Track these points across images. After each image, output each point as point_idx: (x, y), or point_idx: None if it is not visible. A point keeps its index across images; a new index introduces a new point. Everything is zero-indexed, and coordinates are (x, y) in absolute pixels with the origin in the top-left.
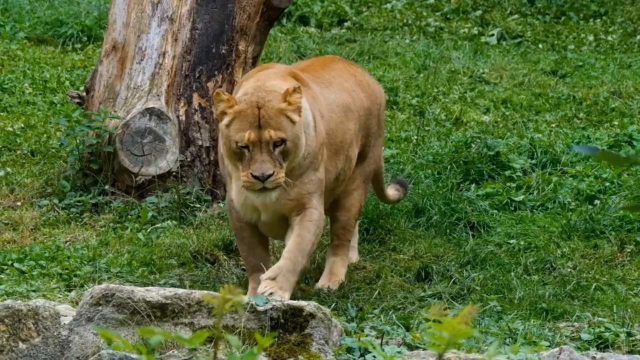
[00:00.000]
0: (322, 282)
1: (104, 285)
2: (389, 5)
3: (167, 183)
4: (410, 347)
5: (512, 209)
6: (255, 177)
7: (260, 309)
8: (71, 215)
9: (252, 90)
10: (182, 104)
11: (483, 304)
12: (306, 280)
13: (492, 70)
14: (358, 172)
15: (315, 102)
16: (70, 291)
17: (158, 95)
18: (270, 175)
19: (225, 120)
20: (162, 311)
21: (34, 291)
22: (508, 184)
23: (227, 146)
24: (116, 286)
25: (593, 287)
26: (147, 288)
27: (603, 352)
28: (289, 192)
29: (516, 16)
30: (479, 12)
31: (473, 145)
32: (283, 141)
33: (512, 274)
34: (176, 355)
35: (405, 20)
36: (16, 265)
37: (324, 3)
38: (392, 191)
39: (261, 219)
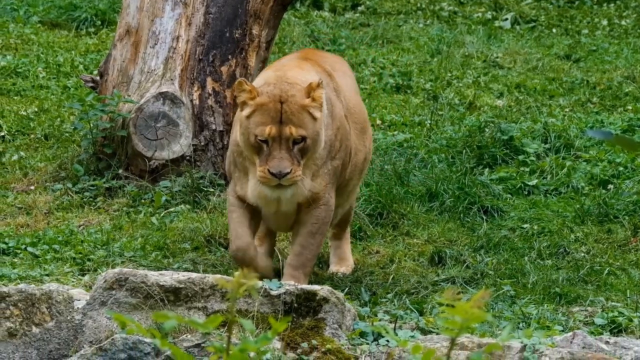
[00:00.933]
0: (335, 269)
1: (117, 270)
2: None
3: (180, 167)
4: (424, 332)
5: (526, 193)
6: (272, 174)
7: (273, 293)
8: (85, 200)
9: (273, 81)
10: (195, 88)
11: (496, 288)
12: (320, 265)
13: (505, 54)
14: None
15: (332, 80)
16: (83, 275)
17: (172, 80)
18: (287, 174)
19: (246, 111)
20: (175, 295)
21: (47, 275)
22: (522, 169)
23: (245, 137)
24: (130, 270)
25: (606, 271)
26: (160, 272)
27: (616, 336)
28: (312, 184)
29: (530, 0)
30: None
31: (487, 130)
32: (303, 139)
33: (526, 258)
34: (189, 339)
35: (419, 5)
36: (30, 249)
37: None
38: None
39: (281, 209)
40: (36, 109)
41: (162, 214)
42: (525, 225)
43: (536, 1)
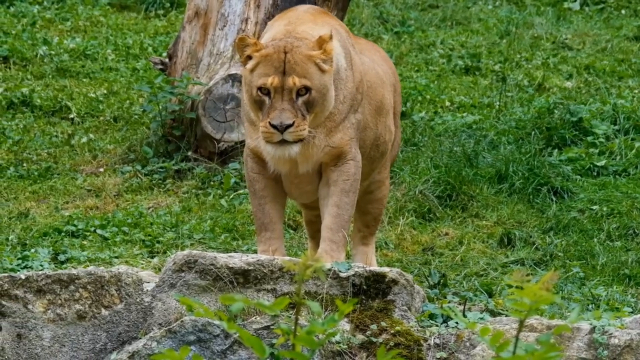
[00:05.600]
0: None
1: (186, 252)
2: None
3: None
4: (493, 314)
5: (595, 174)
6: (274, 127)
7: (342, 275)
8: (154, 182)
9: (281, 35)
10: None
11: (565, 270)
12: (387, 246)
13: (574, 36)
14: (388, 157)
15: (350, 36)
16: (152, 257)
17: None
18: (289, 126)
19: (250, 64)
20: (244, 277)
21: (116, 257)
22: (590, 150)
23: (248, 93)
24: (199, 252)
25: None
26: (229, 254)
27: None
28: (332, 139)
29: None
30: None
31: (556, 111)
32: (308, 90)
33: (595, 240)
34: (258, 321)
35: None
36: (99, 231)
37: None
38: None
39: (298, 171)
40: (105, 91)
41: (231, 196)
42: (594, 207)
43: None
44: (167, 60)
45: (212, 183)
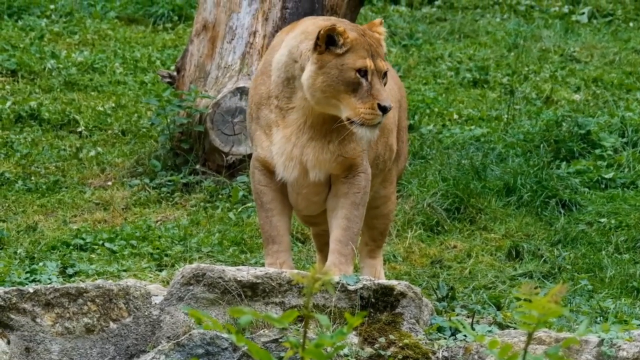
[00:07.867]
0: None
1: (194, 265)
2: None
3: None
4: (501, 326)
5: (603, 186)
6: (383, 109)
7: (350, 288)
8: (162, 195)
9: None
10: None
11: (574, 282)
12: (395, 259)
13: (582, 48)
14: (394, 172)
15: None
16: (161, 271)
17: (249, 75)
18: (391, 108)
19: (341, 49)
20: (252, 291)
21: (124, 271)
22: (598, 162)
23: (335, 76)
24: (207, 266)
25: None
26: (238, 267)
27: None
28: (344, 148)
29: None
30: None
31: (564, 124)
32: (386, 74)
33: (603, 252)
34: (267, 334)
35: None
36: (107, 245)
37: None
38: None
39: (308, 178)
40: (113, 105)
41: (239, 209)
42: (602, 219)
43: None
44: (175, 73)
45: (220, 196)
